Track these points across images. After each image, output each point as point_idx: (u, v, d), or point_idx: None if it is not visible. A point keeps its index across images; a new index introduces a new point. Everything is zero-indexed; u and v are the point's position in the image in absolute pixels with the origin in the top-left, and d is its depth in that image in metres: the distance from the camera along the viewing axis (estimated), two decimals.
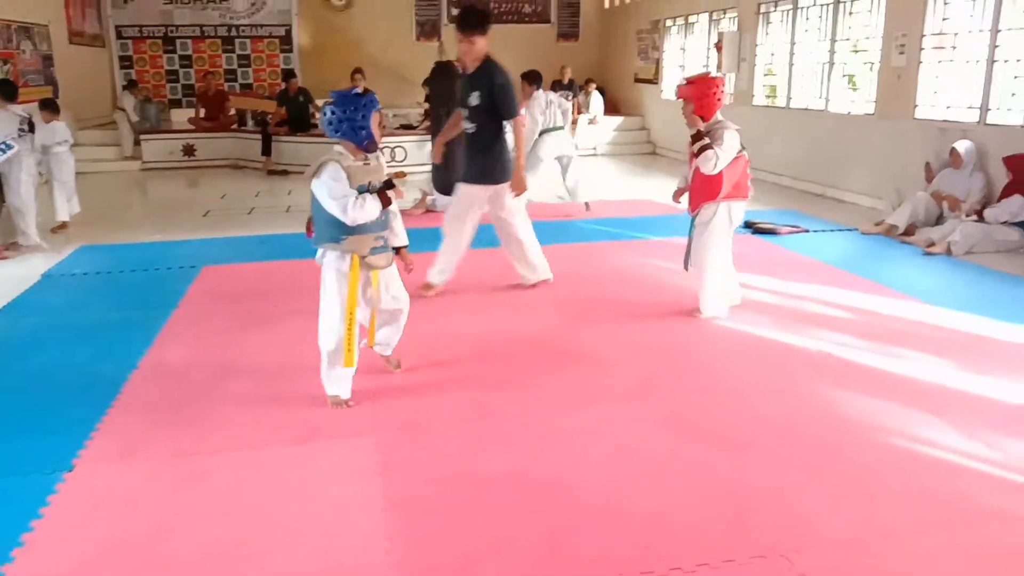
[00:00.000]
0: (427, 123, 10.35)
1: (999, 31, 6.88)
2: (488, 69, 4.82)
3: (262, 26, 14.63)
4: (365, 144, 3.44)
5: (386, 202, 3.39)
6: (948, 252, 6.35)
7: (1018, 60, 6.78)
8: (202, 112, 12.64)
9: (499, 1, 15.38)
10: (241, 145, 12.17)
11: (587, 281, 5.68)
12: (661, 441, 3.29)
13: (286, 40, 14.72)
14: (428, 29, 15.33)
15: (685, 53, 13.01)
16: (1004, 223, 6.42)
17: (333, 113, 3.39)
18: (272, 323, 4.81)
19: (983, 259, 6.18)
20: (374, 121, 3.43)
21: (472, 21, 4.78)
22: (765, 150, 10.10)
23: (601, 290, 5.45)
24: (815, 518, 2.72)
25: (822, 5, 9.31)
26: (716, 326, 4.70)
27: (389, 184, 3.43)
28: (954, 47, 7.47)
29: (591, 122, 13.73)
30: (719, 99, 4.59)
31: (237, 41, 14.61)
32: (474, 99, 4.87)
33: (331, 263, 3.50)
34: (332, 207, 3.33)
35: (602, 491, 2.90)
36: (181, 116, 13.60)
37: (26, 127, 6.78)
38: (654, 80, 13.88)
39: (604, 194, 9.76)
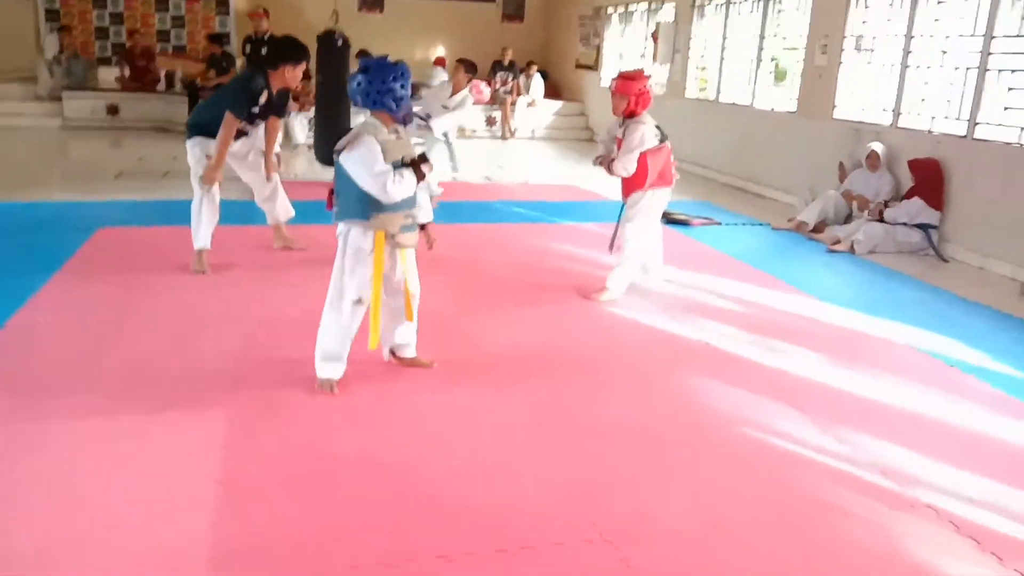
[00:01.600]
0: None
1: (912, 37, 7.01)
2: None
3: None
4: (402, 115, 3.29)
5: (421, 176, 3.23)
6: (851, 250, 6.47)
7: (928, 67, 6.92)
8: (127, 72, 12.22)
9: None
10: (168, 107, 11.79)
11: (491, 264, 5.64)
12: (522, 430, 3.26)
13: (222, 2, 14.28)
14: (371, 0, 15.04)
15: (624, 42, 13.00)
16: (906, 224, 6.57)
17: (371, 83, 3.18)
18: (156, 290, 4.67)
19: (884, 259, 6.31)
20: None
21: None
22: (693, 142, 10.18)
23: (502, 273, 5.42)
24: (658, 510, 2.73)
25: (754, 1, 9.37)
26: (605, 312, 4.71)
27: (423, 157, 3.27)
28: (871, 50, 7.59)
29: (530, 104, 13.69)
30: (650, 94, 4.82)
31: (171, 1, 14.13)
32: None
33: (353, 240, 3.29)
34: (369, 184, 3.14)
35: (449, 477, 2.86)
36: (109, 75, 13.12)
37: None
38: (594, 67, 13.86)
39: (534, 177, 9.76)
